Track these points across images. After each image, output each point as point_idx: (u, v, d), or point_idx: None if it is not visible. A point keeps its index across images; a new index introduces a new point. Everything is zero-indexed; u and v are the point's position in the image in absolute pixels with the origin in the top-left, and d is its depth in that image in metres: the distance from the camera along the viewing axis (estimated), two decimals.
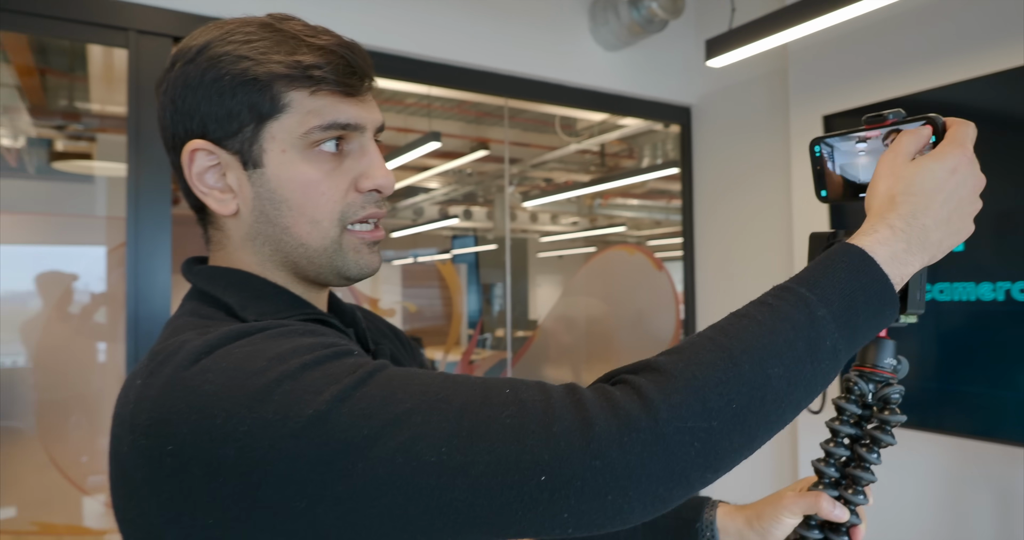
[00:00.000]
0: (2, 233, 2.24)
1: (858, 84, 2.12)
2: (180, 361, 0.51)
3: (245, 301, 0.63)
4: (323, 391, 0.48)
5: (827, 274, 0.54)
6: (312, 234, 0.64)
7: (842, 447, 0.69)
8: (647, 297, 3.11)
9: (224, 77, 0.61)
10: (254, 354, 0.51)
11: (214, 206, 0.65)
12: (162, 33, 1.85)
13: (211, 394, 0.48)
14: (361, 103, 0.65)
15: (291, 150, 0.62)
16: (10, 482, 2.22)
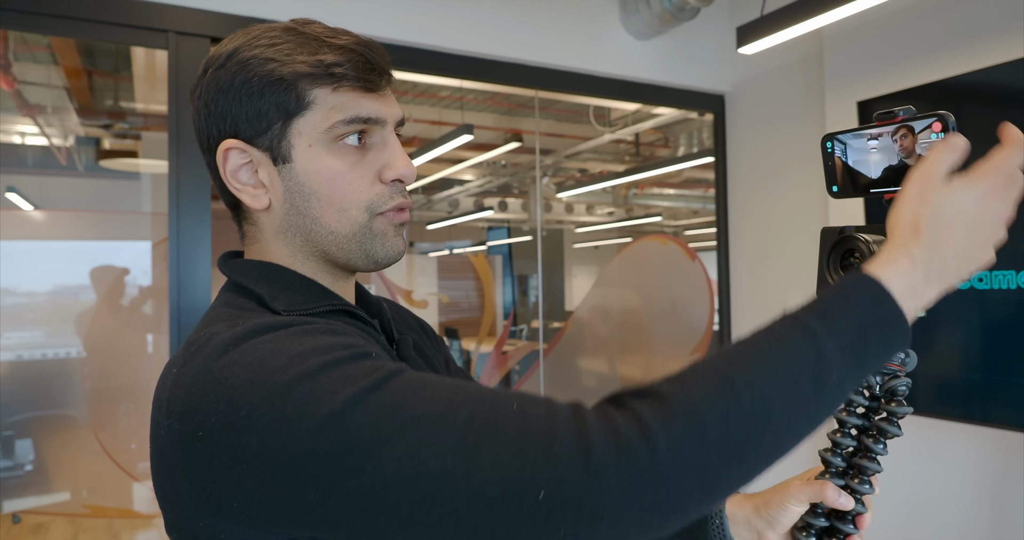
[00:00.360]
0: (55, 229, 2.34)
1: (895, 69, 2.07)
2: (210, 352, 0.55)
3: (275, 292, 0.67)
4: (339, 391, 0.50)
5: (841, 306, 0.53)
6: (341, 222, 0.68)
7: (848, 438, 0.70)
8: (681, 287, 3.09)
9: (252, 79, 0.65)
10: (277, 351, 0.54)
11: (248, 201, 0.68)
12: (200, 34, 1.90)
13: (237, 387, 0.52)
14: (381, 98, 0.68)
15: (317, 144, 0.66)
16: (64, 468, 2.33)
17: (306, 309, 0.66)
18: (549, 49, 2.44)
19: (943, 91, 1.91)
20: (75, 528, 2.35)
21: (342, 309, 0.69)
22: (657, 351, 3.24)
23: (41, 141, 2.98)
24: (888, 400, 0.69)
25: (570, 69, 2.52)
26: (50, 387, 2.30)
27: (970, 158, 0.61)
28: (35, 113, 2.85)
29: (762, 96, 2.69)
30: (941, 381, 1.94)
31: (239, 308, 0.65)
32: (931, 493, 2.04)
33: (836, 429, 0.71)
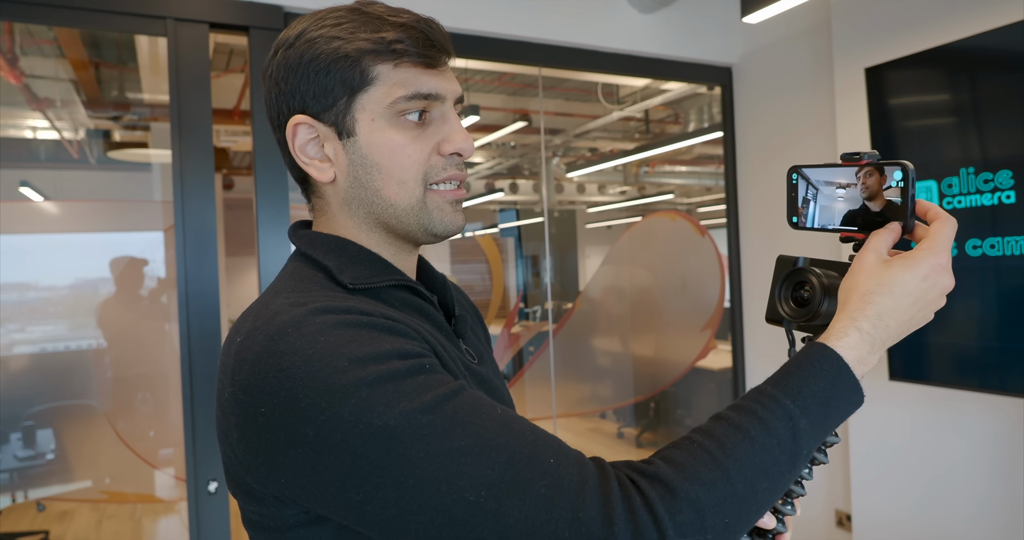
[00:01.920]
0: (70, 222, 2.36)
1: (903, 33, 2.02)
2: (273, 333, 0.58)
3: (343, 265, 0.70)
4: (394, 405, 0.54)
5: (809, 382, 0.60)
6: (399, 194, 0.70)
7: None
8: (691, 264, 3.06)
9: (319, 56, 0.68)
10: (337, 348, 0.57)
11: (315, 174, 0.72)
12: (199, 20, 1.90)
13: (298, 378, 0.55)
14: (440, 74, 0.71)
15: (379, 119, 0.69)
16: (85, 456, 2.37)
17: (371, 283, 0.69)
18: (553, 25, 2.41)
19: (951, 55, 1.86)
20: (99, 514, 2.40)
21: (404, 285, 0.72)
22: (668, 328, 3.22)
23: (52, 135, 3.01)
24: None
25: (575, 45, 2.48)
26: (70, 378, 2.34)
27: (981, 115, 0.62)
28: (44, 107, 2.87)
29: (770, 67, 2.65)
30: (957, 351, 1.91)
31: (304, 281, 0.68)
32: (949, 463, 2.02)
33: None
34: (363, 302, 0.65)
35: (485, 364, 0.81)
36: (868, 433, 2.22)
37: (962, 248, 1.85)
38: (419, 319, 0.71)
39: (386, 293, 0.71)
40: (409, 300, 0.72)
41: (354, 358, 0.56)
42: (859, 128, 2.14)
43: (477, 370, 0.76)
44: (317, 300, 0.62)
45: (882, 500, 2.20)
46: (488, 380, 0.77)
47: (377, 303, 0.67)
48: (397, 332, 0.61)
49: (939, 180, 1.90)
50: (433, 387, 0.57)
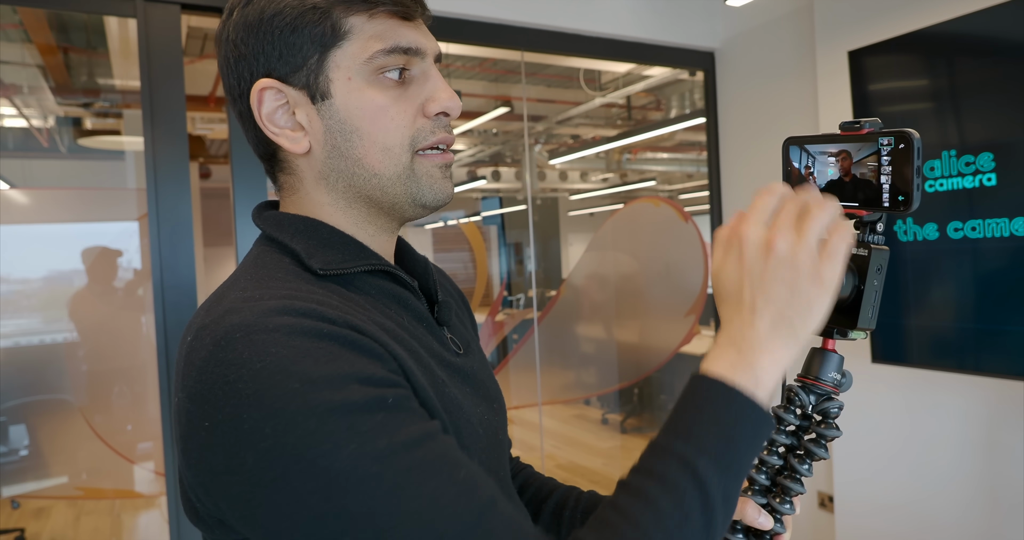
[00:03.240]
0: (41, 211, 2.30)
1: (886, 16, 2.01)
2: (219, 337, 0.52)
3: (312, 249, 0.63)
4: (345, 446, 0.48)
5: (700, 422, 0.54)
6: (384, 162, 0.63)
7: (776, 456, 0.68)
8: (674, 249, 3.06)
9: (284, 10, 0.60)
10: (289, 366, 0.50)
11: (287, 145, 0.64)
12: (169, 0, 1.84)
13: (243, 397, 0.49)
14: (418, 28, 0.65)
15: (356, 77, 0.62)
16: (61, 452, 2.32)
17: (343, 268, 0.62)
18: (535, 8, 2.38)
19: (933, 38, 1.86)
20: (76, 511, 2.36)
21: (381, 269, 0.65)
22: (651, 314, 3.22)
23: (20, 123, 2.92)
24: (819, 422, 0.67)
25: (557, 29, 2.45)
26: (44, 372, 2.28)
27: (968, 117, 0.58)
28: (11, 94, 2.78)
29: (752, 51, 2.63)
30: (934, 332, 1.92)
31: (268, 267, 0.61)
32: (929, 443, 2.04)
33: (764, 446, 0.69)
34: (329, 296, 0.58)
35: (471, 354, 0.75)
36: (850, 415, 2.23)
37: (943, 231, 1.85)
38: (396, 309, 0.65)
39: (360, 280, 0.64)
40: (386, 288, 0.66)
41: (307, 379, 0.49)
42: (842, 111, 2.14)
43: (459, 364, 0.69)
44: (276, 294, 0.55)
45: (864, 481, 2.22)
46: (472, 374, 0.70)
47: (348, 294, 0.61)
48: (361, 348, 0.53)
49: (921, 163, 1.89)
50: (392, 431, 0.50)
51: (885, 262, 0.62)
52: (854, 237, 0.60)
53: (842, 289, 0.61)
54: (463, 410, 0.63)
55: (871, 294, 0.62)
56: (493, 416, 0.71)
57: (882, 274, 0.62)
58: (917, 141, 0.58)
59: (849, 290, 0.62)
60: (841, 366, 0.66)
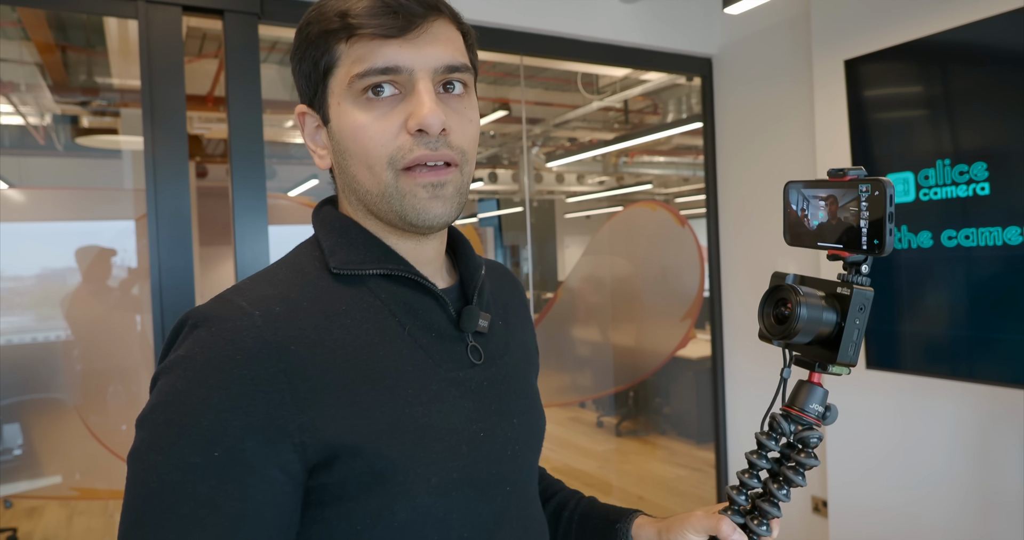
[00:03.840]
0: (37, 210, 2.29)
1: (883, 26, 2.03)
2: (165, 366, 0.61)
3: (335, 247, 0.68)
4: (143, 490, 0.57)
5: None
6: (371, 180, 0.65)
7: (756, 479, 0.72)
8: (671, 254, 3.07)
9: (302, 43, 0.67)
10: (170, 395, 0.58)
11: (317, 162, 0.71)
12: (171, 2, 1.84)
13: (148, 406, 0.60)
14: (409, 43, 0.63)
15: (344, 101, 0.65)
16: (55, 452, 2.32)
17: (358, 269, 0.66)
18: (534, 13, 2.39)
19: (929, 48, 1.87)
20: (70, 511, 2.35)
21: (402, 274, 0.67)
22: (648, 318, 3.23)
23: (17, 120, 2.91)
24: (799, 450, 0.70)
25: (555, 33, 2.46)
26: (37, 371, 2.28)
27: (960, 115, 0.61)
28: (8, 91, 2.77)
29: (750, 58, 2.65)
30: (927, 338, 1.94)
31: (287, 261, 0.69)
32: (922, 449, 2.05)
33: (746, 469, 0.72)
34: (295, 306, 0.62)
35: (502, 364, 0.74)
36: (844, 420, 2.25)
37: (938, 239, 1.87)
38: (403, 317, 0.67)
39: (374, 282, 0.67)
40: (400, 294, 0.67)
41: (153, 443, 0.58)
42: (838, 120, 2.15)
43: (465, 377, 0.69)
44: (249, 293, 0.62)
45: (858, 486, 2.23)
46: (483, 387, 0.70)
47: (349, 299, 0.65)
48: (236, 406, 0.57)
49: (916, 171, 1.91)
50: (186, 513, 0.56)
51: (868, 302, 0.65)
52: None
53: (824, 325, 0.65)
54: (437, 428, 0.64)
55: (852, 331, 0.65)
56: (506, 431, 0.71)
57: (864, 313, 0.65)
58: (890, 189, 0.62)
59: (832, 327, 0.65)
60: (825, 399, 0.69)
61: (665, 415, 3.66)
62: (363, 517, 0.60)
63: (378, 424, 0.61)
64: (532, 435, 0.76)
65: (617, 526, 0.82)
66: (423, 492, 0.62)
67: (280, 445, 0.57)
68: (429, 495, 0.62)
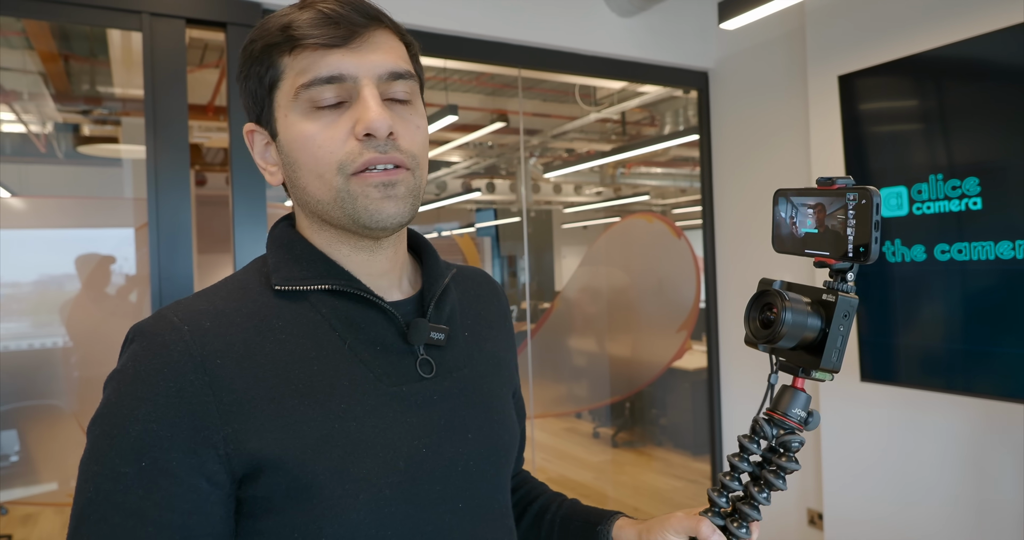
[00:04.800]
0: (36, 217, 2.31)
1: (877, 42, 2.06)
2: (132, 330, 0.66)
3: (279, 263, 0.69)
4: (80, 501, 0.60)
5: None
6: (321, 188, 0.65)
7: (737, 482, 0.72)
8: (667, 265, 3.09)
9: (245, 61, 0.67)
10: (112, 406, 0.62)
11: (268, 179, 0.71)
12: (175, 15, 1.87)
13: (95, 414, 0.63)
14: (352, 52, 0.64)
15: (291, 113, 0.65)
16: (51, 458, 2.32)
17: (301, 284, 0.67)
18: (532, 27, 2.42)
19: (921, 64, 1.90)
20: (64, 517, 2.35)
21: (345, 290, 0.67)
22: (645, 329, 3.25)
23: (18, 128, 2.93)
24: (780, 454, 0.71)
25: (553, 47, 2.49)
26: (35, 377, 2.28)
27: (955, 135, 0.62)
28: (11, 100, 2.79)
29: (746, 72, 2.68)
30: (921, 352, 1.96)
31: (233, 277, 0.71)
32: (918, 462, 2.06)
33: (727, 472, 0.73)
34: (225, 320, 0.64)
35: (458, 377, 0.73)
36: (840, 433, 2.26)
37: (931, 253, 1.89)
38: (344, 331, 0.67)
39: (315, 297, 0.67)
40: (341, 308, 0.67)
41: (96, 442, 0.61)
42: (832, 134, 2.18)
43: (407, 391, 0.68)
44: (181, 309, 0.65)
45: (854, 498, 2.24)
46: (427, 401, 0.69)
47: (286, 315, 0.66)
48: (163, 414, 0.60)
49: (909, 186, 1.94)
50: (100, 516, 0.58)
51: (852, 310, 0.66)
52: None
53: (809, 331, 0.66)
54: (369, 442, 0.64)
55: (836, 338, 0.65)
56: (459, 447, 0.70)
57: (849, 320, 0.66)
58: (876, 197, 0.63)
59: (816, 332, 0.66)
60: (808, 405, 0.70)
61: (661, 426, 3.67)
62: (291, 531, 0.61)
63: (305, 438, 0.61)
64: (492, 450, 0.73)
65: (598, 528, 0.82)
66: (351, 508, 0.61)
67: (205, 456, 0.59)
68: (358, 511, 0.61)
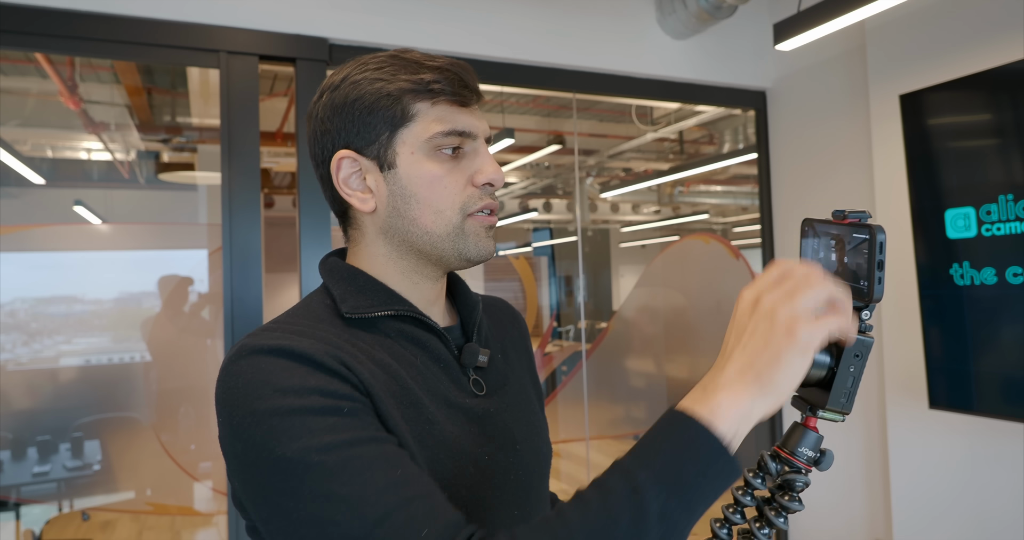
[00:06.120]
0: (118, 240, 2.46)
1: (939, 60, 2.01)
2: (233, 354, 0.66)
3: (347, 294, 0.75)
4: (298, 439, 0.59)
5: (648, 441, 0.58)
6: (436, 222, 0.75)
7: (739, 515, 0.69)
8: (725, 286, 3.06)
9: (364, 95, 0.74)
10: (268, 377, 0.63)
11: (357, 205, 0.77)
12: (249, 52, 1.98)
13: (233, 398, 0.63)
14: (472, 113, 0.77)
15: (418, 152, 0.74)
16: (129, 468, 2.45)
17: (368, 312, 0.74)
18: (587, 52, 2.46)
19: (988, 82, 1.85)
20: (140, 525, 2.47)
21: (405, 315, 0.76)
22: (702, 350, 3.21)
23: (105, 156, 3.14)
24: (783, 493, 0.68)
25: (608, 71, 2.52)
26: (115, 390, 2.42)
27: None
28: (99, 130, 3.00)
29: (805, 91, 2.65)
30: (998, 379, 1.88)
31: (307, 307, 0.75)
32: (994, 496, 1.98)
33: (730, 504, 0.70)
34: (333, 336, 0.69)
35: (502, 396, 0.82)
36: (908, 461, 2.19)
37: (1002, 275, 1.83)
38: (413, 349, 0.75)
39: (383, 323, 0.75)
40: (407, 330, 0.76)
41: (279, 388, 0.61)
42: (895, 154, 2.14)
43: (470, 405, 0.76)
44: (288, 329, 0.68)
45: (925, 532, 2.16)
46: (485, 415, 0.77)
47: (364, 336, 0.72)
48: (328, 369, 0.64)
49: (977, 207, 1.88)
50: (340, 431, 0.60)
51: (865, 350, 0.63)
52: (852, 321, 0.61)
53: (816, 368, 0.63)
54: (449, 447, 0.71)
55: (845, 378, 0.63)
56: (511, 457, 0.77)
57: (861, 361, 0.63)
58: (880, 236, 0.60)
59: (824, 370, 0.64)
60: (819, 445, 0.67)
61: None
62: None
63: (406, 435, 0.67)
64: (537, 462, 0.82)
65: None
66: None
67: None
68: None
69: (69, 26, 1.82)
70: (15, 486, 2.38)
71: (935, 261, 1.99)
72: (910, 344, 2.11)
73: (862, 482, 2.46)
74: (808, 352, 0.58)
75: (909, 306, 2.09)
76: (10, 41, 1.80)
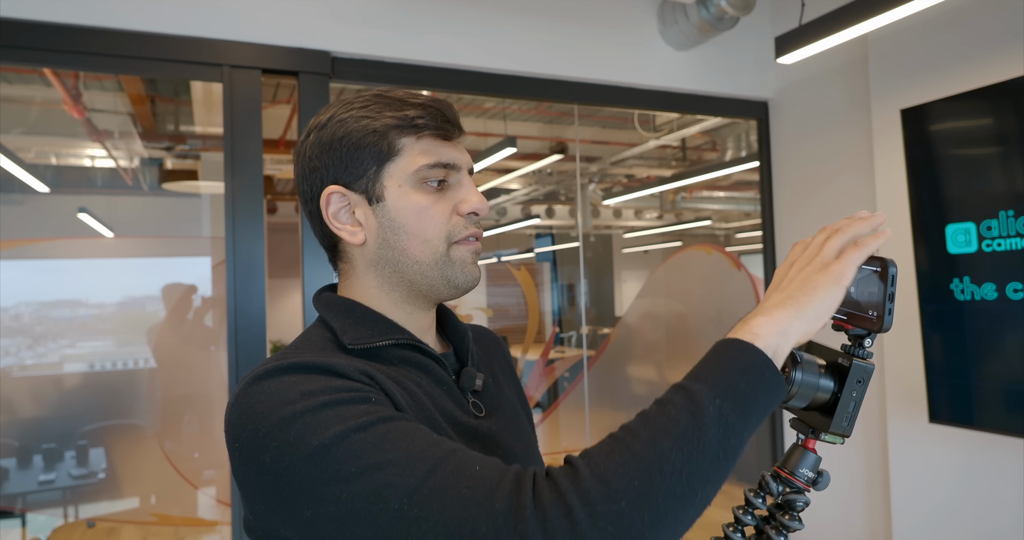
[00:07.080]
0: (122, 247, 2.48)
1: (939, 75, 2.02)
2: (251, 379, 0.67)
3: (346, 326, 0.77)
4: (331, 427, 0.60)
5: (704, 361, 0.63)
6: (424, 251, 0.78)
7: (740, 534, 0.71)
8: (727, 295, 3.06)
9: (351, 132, 0.77)
10: (294, 385, 0.64)
11: (347, 238, 0.79)
12: (252, 66, 1.99)
13: (259, 412, 0.63)
14: (455, 147, 0.80)
15: (405, 184, 0.77)
16: (133, 476, 2.46)
17: (369, 343, 0.75)
18: (589, 64, 2.46)
19: (990, 97, 1.85)
20: (144, 533, 2.48)
21: (406, 343, 0.78)
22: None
23: (108, 164, 3.15)
24: (784, 513, 0.70)
25: (611, 83, 2.53)
26: (119, 397, 2.43)
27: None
28: (103, 138, 3.02)
29: (807, 102, 2.65)
30: (998, 394, 1.88)
31: (309, 340, 0.77)
32: (995, 511, 1.98)
33: (731, 523, 0.72)
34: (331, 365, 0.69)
35: (498, 416, 0.85)
36: (908, 475, 2.19)
37: (1003, 291, 1.83)
38: (416, 373, 0.77)
39: (385, 351, 0.77)
40: (409, 357, 0.78)
41: (306, 391, 0.63)
42: (896, 168, 2.14)
43: (473, 424, 0.79)
44: (302, 356, 0.69)
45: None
46: (487, 435, 0.80)
47: (372, 364, 0.73)
48: (350, 376, 0.67)
49: (978, 222, 1.88)
50: (372, 413, 0.62)
51: (867, 376, 0.66)
52: (873, 247, 0.66)
53: (821, 392, 0.66)
54: None
55: (847, 403, 0.66)
56: None
57: (862, 386, 0.66)
58: (892, 270, 0.64)
59: (828, 395, 0.66)
60: (817, 466, 0.69)
61: None
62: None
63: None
64: None
65: None
66: None
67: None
68: None
69: (74, 41, 1.83)
70: (21, 494, 2.39)
71: (936, 276, 1.99)
72: (911, 358, 2.11)
73: (863, 495, 2.46)
74: (841, 282, 0.64)
75: (910, 320, 2.09)
76: (16, 56, 1.81)
